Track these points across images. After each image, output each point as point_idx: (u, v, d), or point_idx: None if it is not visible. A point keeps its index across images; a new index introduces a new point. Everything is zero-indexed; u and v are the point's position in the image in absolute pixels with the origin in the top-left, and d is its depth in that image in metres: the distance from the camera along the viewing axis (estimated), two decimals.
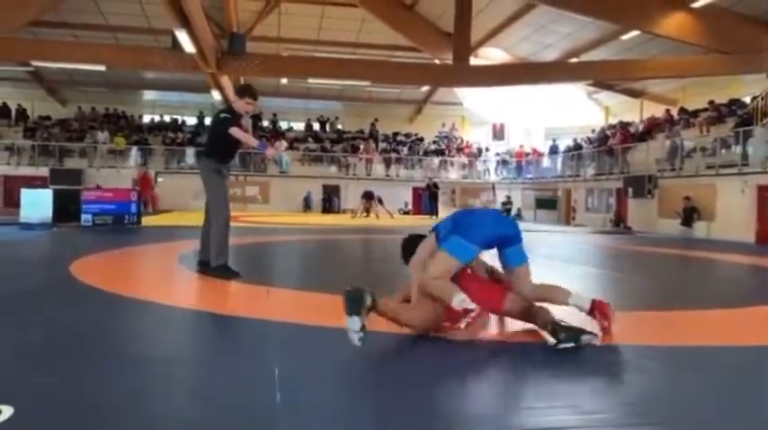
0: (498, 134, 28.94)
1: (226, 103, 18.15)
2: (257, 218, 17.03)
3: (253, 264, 6.68)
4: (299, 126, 28.60)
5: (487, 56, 21.34)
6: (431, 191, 22.44)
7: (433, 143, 28.58)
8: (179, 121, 27.42)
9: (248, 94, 5.05)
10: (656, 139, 18.56)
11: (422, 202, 24.69)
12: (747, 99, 16.80)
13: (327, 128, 28.70)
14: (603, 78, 20.66)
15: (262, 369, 2.48)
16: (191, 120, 27.48)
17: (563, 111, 25.62)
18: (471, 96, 26.00)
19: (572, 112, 25.65)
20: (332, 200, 25.14)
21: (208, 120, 24.96)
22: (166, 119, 27.50)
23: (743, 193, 13.83)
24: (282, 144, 23.53)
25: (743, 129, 14.40)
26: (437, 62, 19.91)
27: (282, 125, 28.17)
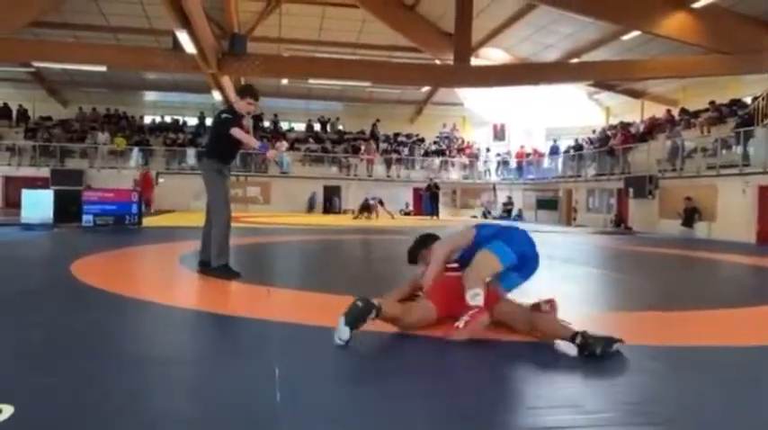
0: (499, 135, 28.92)
1: (227, 103, 18.15)
2: (258, 218, 17.04)
3: (253, 264, 6.68)
4: (299, 127, 28.60)
5: (488, 56, 21.35)
6: (431, 191, 22.43)
7: (434, 143, 28.60)
8: (180, 122, 27.43)
9: (249, 95, 5.05)
10: (656, 140, 18.55)
11: (422, 203, 24.69)
12: (748, 99, 16.79)
13: (328, 128, 28.70)
14: (604, 79, 20.65)
15: (262, 369, 2.48)
16: (192, 121, 27.48)
17: (564, 112, 25.60)
18: (472, 97, 25.99)
19: (573, 113, 25.64)
20: (333, 200, 25.15)
21: (209, 121, 24.98)
22: (167, 119, 27.51)
23: (744, 194, 13.82)
24: (283, 145, 23.48)
25: (744, 130, 14.39)
26: (438, 62, 19.92)
27: (283, 126, 28.16)
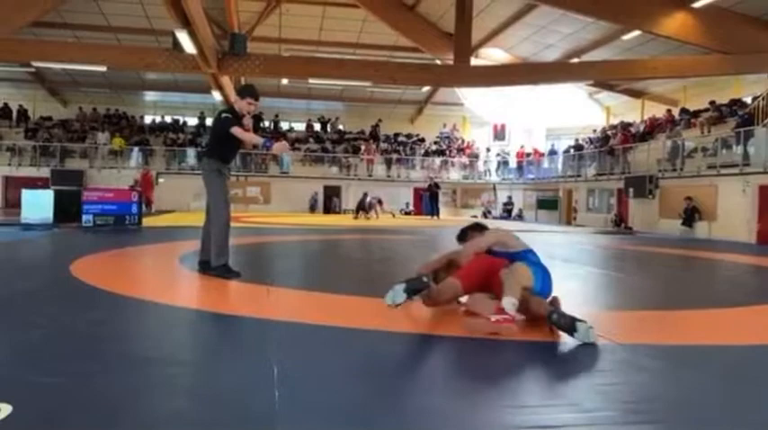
0: (499, 135, 28.91)
1: (227, 103, 18.16)
2: (258, 218, 17.04)
3: (253, 264, 6.68)
4: (300, 126, 28.61)
5: (488, 56, 21.35)
6: (431, 191, 22.43)
7: (434, 143, 28.60)
8: (180, 122, 27.43)
9: (250, 95, 5.05)
10: (657, 140, 18.55)
11: (422, 203, 24.69)
12: (748, 99, 16.80)
13: (328, 128, 28.71)
14: (604, 78, 20.65)
15: (261, 368, 2.48)
16: (192, 121, 27.49)
17: (564, 112, 25.60)
18: (472, 97, 25.99)
19: (573, 113, 25.64)
20: (333, 200, 25.15)
21: (209, 121, 24.98)
22: (167, 119, 27.53)
23: (744, 193, 13.81)
24: (285, 144, 23.46)
25: (744, 130, 14.38)
26: (438, 62, 19.92)
27: (284, 126, 28.18)
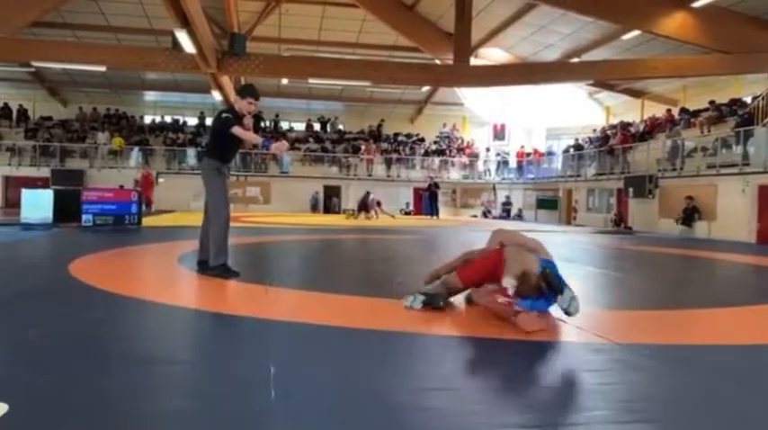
0: (499, 134, 28.92)
1: (227, 103, 18.16)
2: (258, 218, 17.04)
3: (252, 263, 6.68)
4: (299, 126, 28.61)
5: (488, 56, 21.35)
6: (431, 191, 22.42)
7: (434, 143, 28.60)
8: (180, 122, 27.44)
9: (250, 94, 5.05)
10: (656, 139, 18.54)
11: (422, 203, 24.69)
12: (748, 99, 16.79)
13: (328, 128, 28.71)
14: (604, 78, 20.65)
15: (258, 367, 2.48)
16: (192, 121, 27.50)
17: (564, 112, 25.60)
18: (472, 97, 25.99)
19: (573, 112, 25.64)
20: (332, 200, 25.15)
21: (209, 121, 24.99)
22: (167, 119, 27.54)
23: (744, 193, 13.81)
24: (284, 144, 23.47)
25: (744, 129, 14.38)
26: (438, 62, 19.92)
27: (283, 125, 28.18)
